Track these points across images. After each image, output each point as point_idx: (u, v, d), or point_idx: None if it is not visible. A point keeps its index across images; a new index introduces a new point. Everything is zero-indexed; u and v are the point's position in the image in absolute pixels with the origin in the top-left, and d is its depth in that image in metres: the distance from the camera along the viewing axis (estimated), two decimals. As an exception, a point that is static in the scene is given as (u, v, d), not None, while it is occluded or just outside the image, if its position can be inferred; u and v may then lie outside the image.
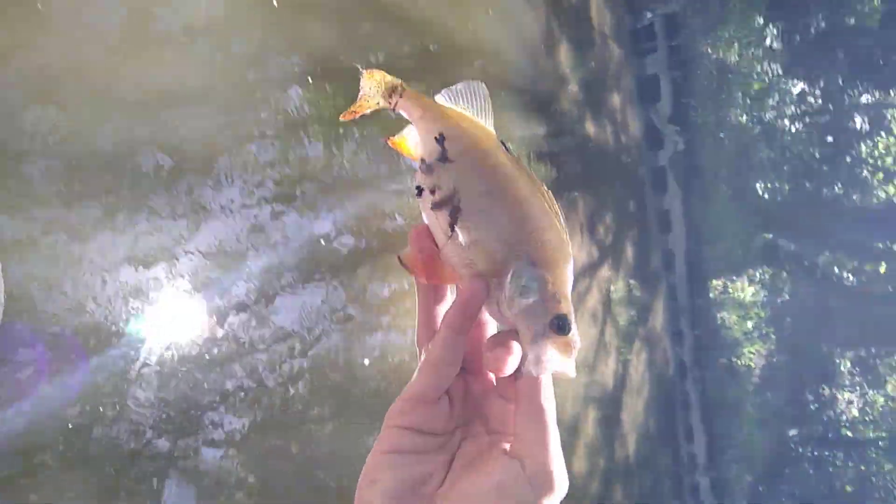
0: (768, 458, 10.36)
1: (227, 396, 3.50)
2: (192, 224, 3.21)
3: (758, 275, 8.52)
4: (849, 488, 12.19)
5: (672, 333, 6.88)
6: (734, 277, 7.62)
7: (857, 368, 11.27)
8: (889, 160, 8.19)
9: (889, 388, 11.56)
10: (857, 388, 11.47)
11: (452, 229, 0.53)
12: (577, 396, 5.86)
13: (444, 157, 0.55)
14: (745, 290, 7.93)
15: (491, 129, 0.57)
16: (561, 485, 0.48)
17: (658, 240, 6.27)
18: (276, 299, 3.72)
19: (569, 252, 0.52)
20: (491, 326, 0.56)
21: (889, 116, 7.50)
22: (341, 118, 0.60)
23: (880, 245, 9.34)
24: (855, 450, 12.04)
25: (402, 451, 0.50)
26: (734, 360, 7.87)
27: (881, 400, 11.75)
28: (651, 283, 6.58)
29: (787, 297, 9.56)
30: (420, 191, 0.55)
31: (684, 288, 6.77)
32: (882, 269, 9.49)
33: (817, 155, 7.79)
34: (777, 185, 7.78)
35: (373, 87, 0.59)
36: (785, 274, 9.21)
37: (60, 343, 2.69)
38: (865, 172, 8.21)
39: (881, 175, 8.30)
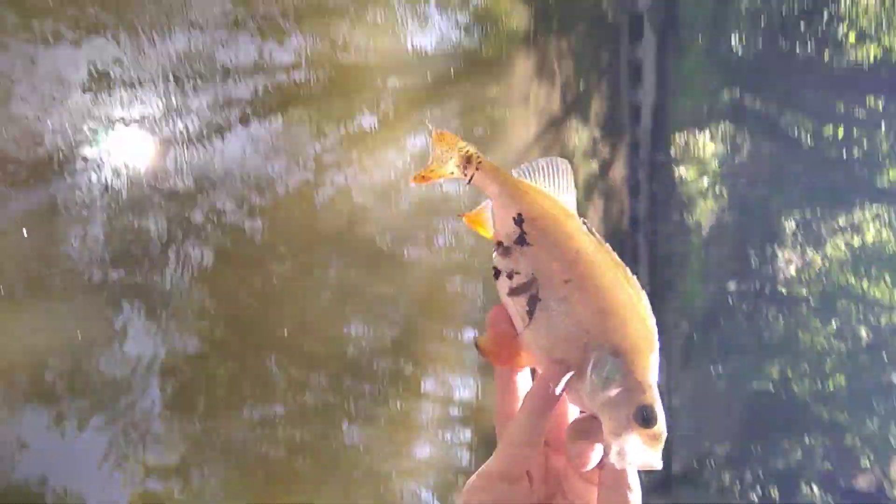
0: (705, 310, 11.29)
1: (186, 230, 3.55)
2: (142, 48, 3.09)
3: (720, 131, 8.87)
4: (776, 340, 13.46)
5: (630, 187, 7.28)
6: (697, 133, 7.94)
7: (801, 229, 12.06)
8: (865, 22, 8.36)
9: (828, 248, 12.47)
10: (799, 247, 12.33)
11: (531, 316, 0.53)
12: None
13: (522, 240, 0.55)
14: (706, 146, 8.30)
15: (572, 207, 0.57)
16: None
17: (628, 92, 6.47)
18: (232, 132, 3.72)
19: (654, 340, 0.52)
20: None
21: (873, -28, 7.59)
22: (412, 182, 0.61)
23: (842, 108, 9.71)
24: (787, 306, 13.15)
25: None
26: (686, 215, 8.40)
27: (819, 261, 12.71)
28: (616, 135, 6.87)
29: (744, 156, 10.02)
30: (497, 273, 0.56)
31: (647, 141, 7.07)
32: (840, 134, 9.93)
33: (796, 10, 7.90)
34: (752, 40, 7.94)
35: (444, 152, 0.59)
36: (746, 132, 9.59)
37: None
38: (840, 33, 8.41)
39: (854, 36, 8.50)
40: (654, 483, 8.96)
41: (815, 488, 12.79)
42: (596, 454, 0.50)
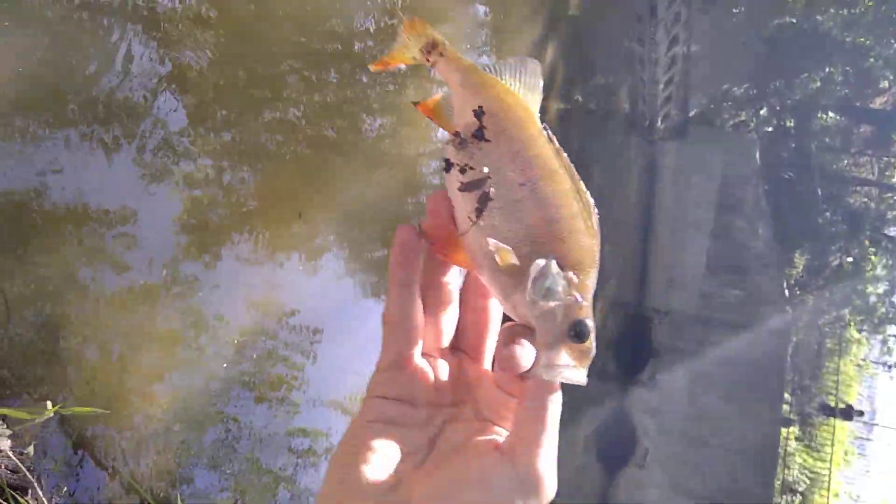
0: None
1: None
2: None
3: None
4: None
5: None
6: None
7: None
8: None
9: None
10: None
11: (479, 215, 0.50)
12: None
13: (480, 135, 0.52)
14: None
15: (536, 109, 0.54)
16: (550, 493, 0.48)
17: None
18: None
19: (597, 257, 0.51)
20: (493, 311, 0.55)
21: None
22: (371, 67, 0.57)
23: None
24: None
25: (383, 421, 0.51)
26: None
27: None
28: None
29: None
30: (449, 166, 0.52)
31: None
32: None
33: None
34: None
35: (412, 38, 0.56)
36: None
37: None
38: None
39: None
40: (670, 130, 9.28)
41: (831, 113, 13.12)
42: (527, 358, 0.49)
